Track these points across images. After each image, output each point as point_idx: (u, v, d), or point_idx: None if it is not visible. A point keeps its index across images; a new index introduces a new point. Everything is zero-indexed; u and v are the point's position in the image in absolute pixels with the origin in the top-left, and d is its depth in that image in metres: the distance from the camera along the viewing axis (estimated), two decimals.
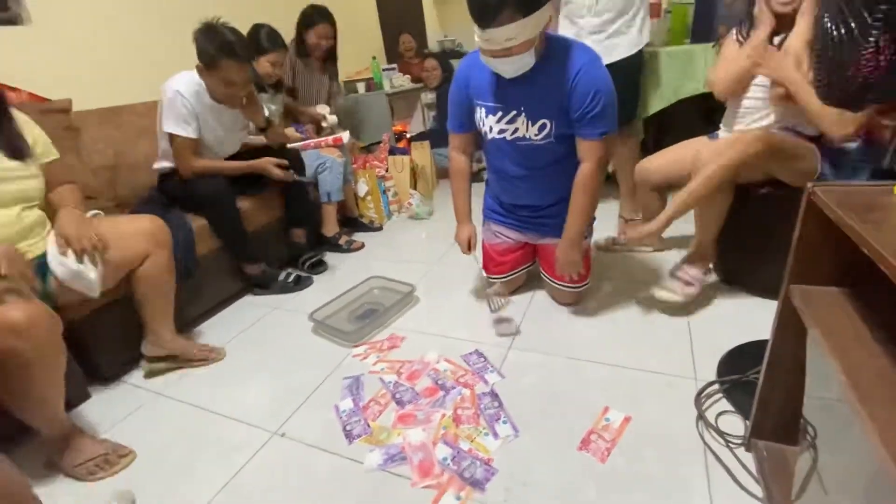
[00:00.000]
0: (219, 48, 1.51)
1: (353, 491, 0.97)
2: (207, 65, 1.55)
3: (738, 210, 1.35)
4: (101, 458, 1.08)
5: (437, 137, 3.18)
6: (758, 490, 0.86)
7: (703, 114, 2.25)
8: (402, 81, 3.41)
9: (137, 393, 1.37)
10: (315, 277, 1.96)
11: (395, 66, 3.43)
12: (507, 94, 1.27)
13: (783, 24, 1.26)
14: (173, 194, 1.72)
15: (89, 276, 1.13)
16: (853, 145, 1.19)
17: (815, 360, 0.69)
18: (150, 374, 1.42)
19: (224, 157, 1.79)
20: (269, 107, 2.21)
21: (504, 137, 1.33)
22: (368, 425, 1.12)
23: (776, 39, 1.27)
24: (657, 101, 2.07)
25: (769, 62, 1.24)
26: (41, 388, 0.98)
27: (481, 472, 0.95)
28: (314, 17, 2.31)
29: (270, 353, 1.49)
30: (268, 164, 1.76)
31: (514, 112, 1.28)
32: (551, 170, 1.37)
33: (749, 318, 1.35)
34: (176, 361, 1.44)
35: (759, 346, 1.20)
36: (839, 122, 1.13)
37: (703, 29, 2.00)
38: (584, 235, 1.45)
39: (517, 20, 1.05)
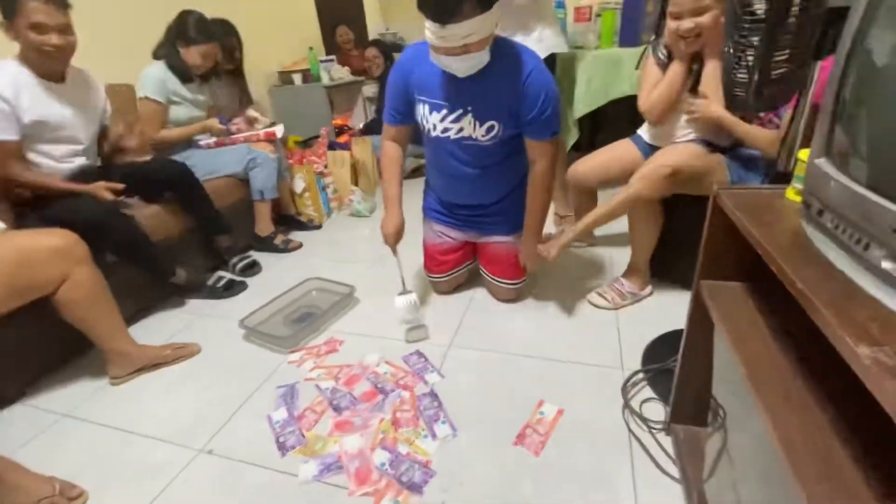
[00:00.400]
0: None
1: None
2: (8, 14, 1.29)
3: (663, 208, 1.44)
4: (48, 500, 0.93)
5: (378, 127, 3.11)
6: (675, 471, 0.92)
7: (631, 114, 2.38)
8: (342, 74, 3.30)
9: (41, 416, 1.23)
10: (248, 281, 1.86)
11: (333, 57, 3.32)
12: (453, 91, 1.24)
13: (694, 55, 1.33)
14: (49, 219, 1.37)
15: None
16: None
17: (721, 349, 0.75)
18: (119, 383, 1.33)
19: (86, 157, 1.57)
20: (198, 97, 2.06)
21: (448, 136, 1.31)
22: (303, 435, 1.08)
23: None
24: (589, 102, 2.16)
25: (706, 109, 1.30)
26: None
27: (419, 475, 0.95)
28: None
29: (196, 365, 1.39)
30: (99, 188, 1.48)
31: (461, 111, 1.26)
32: (494, 170, 1.38)
33: (671, 309, 1.44)
34: (147, 368, 1.35)
35: (678, 335, 1.29)
36: (775, 143, 1.23)
37: (630, 33, 2.10)
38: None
39: (477, 15, 1.02)
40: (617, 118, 2.48)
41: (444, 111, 1.27)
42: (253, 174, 2.01)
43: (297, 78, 3.19)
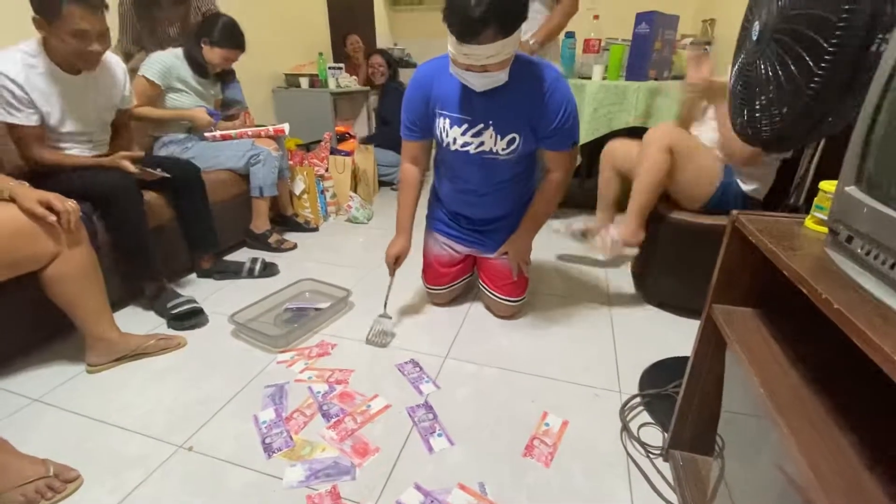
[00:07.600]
0: None
1: None
2: (48, 15, 1.24)
3: (660, 238, 1.48)
4: (43, 482, 0.88)
5: (379, 141, 3.14)
6: (674, 498, 0.90)
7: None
8: (349, 82, 3.32)
9: (9, 399, 1.16)
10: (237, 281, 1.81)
11: (342, 65, 3.34)
12: (475, 105, 1.24)
13: None
14: (60, 190, 1.24)
15: None
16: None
17: (735, 374, 0.75)
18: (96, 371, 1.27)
19: (95, 144, 1.54)
20: (208, 91, 2.05)
21: (468, 151, 1.30)
22: (291, 438, 1.04)
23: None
24: (592, 130, 2.20)
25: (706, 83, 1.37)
26: None
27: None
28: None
29: (181, 358, 1.34)
30: (120, 159, 1.46)
31: (482, 125, 1.25)
32: (508, 184, 1.39)
33: (667, 335, 1.45)
34: (128, 358, 1.29)
35: (676, 361, 1.30)
36: (752, 159, 1.30)
37: (637, 68, 2.17)
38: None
39: (499, 40, 1.03)
40: None
41: (466, 125, 1.27)
42: (254, 170, 1.98)
43: (304, 82, 3.19)
